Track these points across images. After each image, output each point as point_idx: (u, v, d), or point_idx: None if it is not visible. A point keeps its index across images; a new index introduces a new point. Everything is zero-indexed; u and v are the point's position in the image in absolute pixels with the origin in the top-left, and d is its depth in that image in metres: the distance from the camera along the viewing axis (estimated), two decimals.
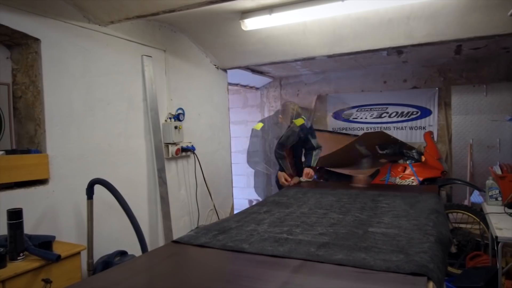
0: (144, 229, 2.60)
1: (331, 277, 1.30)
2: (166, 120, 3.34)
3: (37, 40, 2.32)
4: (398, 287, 1.20)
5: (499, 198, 2.99)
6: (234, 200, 4.56)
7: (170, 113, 3.39)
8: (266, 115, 6.67)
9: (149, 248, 2.51)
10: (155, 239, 3.18)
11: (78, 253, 2.08)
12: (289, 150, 3.54)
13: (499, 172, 3.08)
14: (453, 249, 3.49)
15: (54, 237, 2.11)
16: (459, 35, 2.99)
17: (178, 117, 3.43)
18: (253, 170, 6.73)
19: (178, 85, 3.51)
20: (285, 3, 2.84)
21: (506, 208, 2.78)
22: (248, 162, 3.55)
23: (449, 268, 3.48)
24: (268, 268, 1.40)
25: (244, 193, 6.72)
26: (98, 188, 2.38)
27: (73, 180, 2.47)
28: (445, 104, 5.37)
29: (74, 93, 2.53)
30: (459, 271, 3.35)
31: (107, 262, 2.43)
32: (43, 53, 2.34)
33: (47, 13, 2.36)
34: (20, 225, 1.85)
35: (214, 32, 3.49)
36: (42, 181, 2.31)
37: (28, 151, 2.25)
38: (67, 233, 2.42)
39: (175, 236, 3.30)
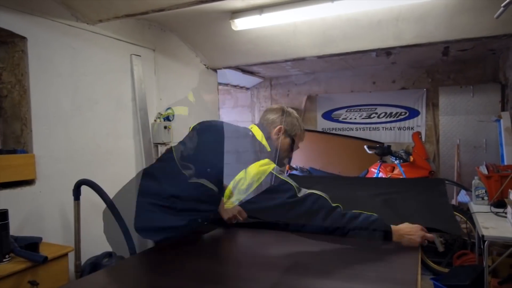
0: (133, 232, 2.57)
1: (321, 278, 1.30)
2: (155, 120, 3.32)
3: (23, 38, 2.28)
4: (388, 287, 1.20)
5: (485, 198, 3.03)
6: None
7: (159, 113, 3.37)
8: (257, 115, 6.68)
9: (138, 250, 2.49)
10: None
11: (66, 254, 2.06)
12: None
13: (485, 172, 3.13)
14: (441, 248, 3.53)
15: (40, 239, 2.07)
16: (447, 37, 3.03)
17: (167, 117, 3.41)
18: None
19: (167, 84, 3.49)
20: (275, 4, 2.84)
21: (492, 208, 2.83)
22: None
23: (436, 267, 3.52)
24: (258, 269, 1.40)
25: None
26: (85, 188, 2.35)
27: (60, 181, 2.44)
28: (433, 105, 5.44)
29: (62, 92, 2.49)
30: (446, 270, 3.40)
31: (95, 264, 2.40)
32: (30, 51, 2.31)
33: (34, 11, 2.32)
34: (5, 227, 1.81)
35: (204, 31, 3.48)
36: (29, 182, 2.27)
37: (14, 151, 2.21)
38: (54, 235, 2.39)
39: None
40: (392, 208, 2.06)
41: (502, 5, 1.89)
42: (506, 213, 2.59)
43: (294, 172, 4.98)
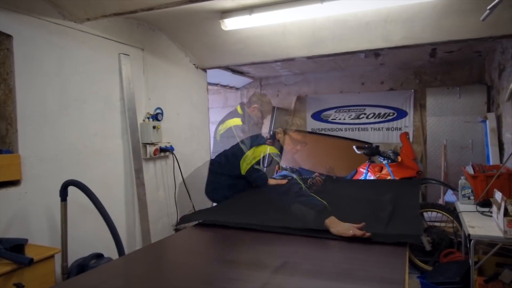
0: (121, 232, 2.55)
1: (310, 277, 1.30)
2: (144, 120, 3.29)
3: (9, 36, 2.24)
4: (376, 287, 1.21)
5: (472, 197, 3.08)
6: None
7: (148, 113, 3.34)
8: (247, 115, 6.66)
9: (127, 251, 2.47)
10: (133, 242, 3.12)
11: (52, 256, 2.03)
12: None
13: (471, 172, 3.18)
14: (428, 247, 3.58)
15: (26, 240, 2.04)
16: (434, 39, 3.07)
17: (156, 116, 3.38)
18: None
19: (156, 84, 3.46)
20: (265, 4, 2.84)
21: (478, 207, 2.87)
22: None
23: (423, 265, 3.57)
24: (248, 269, 1.40)
25: None
26: (72, 189, 2.32)
27: (47, 182, 2.40)
28: (420, 106, 5.51)
29: (48, 92, 2.45)
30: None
31: (82, 266, 2.37)
32: (16, 50, 2.27)
33: (19, 9, 2.28)
34: None
35: (194, 31, 3.46)
36: (14, 182, 2.23)
37: None
38: (40, 236, 2.35)
39: (153, 239, 3.25)
40: (354, 210, 2.11)
41: (488, 7, 1.93)
42: (491, 212, 2.64)
43: (284, 172, 4.98)
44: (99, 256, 2.48)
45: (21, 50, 2.29)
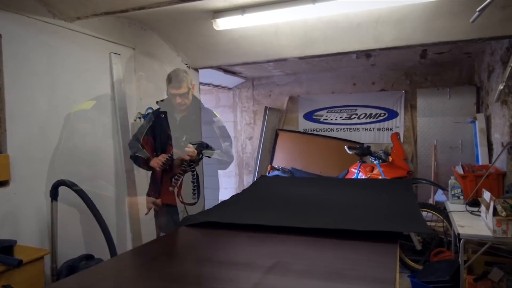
0: (112, 233, 2.53)
1: (302, 277, 1.31)
2: (135, 120, 3.27)
3: None
4: (367, 287, 1.22)
5: (461, 197, 3.12)
6: (205, 201, 4.51)
7: (139, 113, 3.32)
8: (239, 115, 6.67)
9: (117, 252, 2.45)
10: (124, 243, 3.10)
11: (41, 257, 2.01)
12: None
13: (461, 171, 3.21)
14: (418, 246, 3.61)
15: (15, 241, 2.01)
16: (424, 40, 3.09)
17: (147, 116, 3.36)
18: (225, 171, 6.70)
19: (148, 84, 3.44)
20: (257, 4, 2.84)
21: (467, 206, 2.91)
22: None
23: (414, 265, 3.60)
24: (240, 270, 1.40)
25: (215, 194, 6.67)
26: (62, 190, 2.30)
27: (36, 182, 2.37)
28: (411, 106, 5.56)
29: (38, 91, 2.42)
30: None
31: (72, 267, 2.34)
32: (4, 48, 2.24)
33: (8, 7, 2.25)
34: None
35: (186, 31, 3.45)
36: (2, 183, 2.20)
37: None
38: (30, 237, 2.32)
39: (144, 239, 3.23)
40: (357, 210, 2.10)
41: (478, 9, 1.95)
42: (480, 211, 2.67)
43: (276, 172, 4.99)
44: (89, 257, 2.46)
45: (10, 49, 2.26)
